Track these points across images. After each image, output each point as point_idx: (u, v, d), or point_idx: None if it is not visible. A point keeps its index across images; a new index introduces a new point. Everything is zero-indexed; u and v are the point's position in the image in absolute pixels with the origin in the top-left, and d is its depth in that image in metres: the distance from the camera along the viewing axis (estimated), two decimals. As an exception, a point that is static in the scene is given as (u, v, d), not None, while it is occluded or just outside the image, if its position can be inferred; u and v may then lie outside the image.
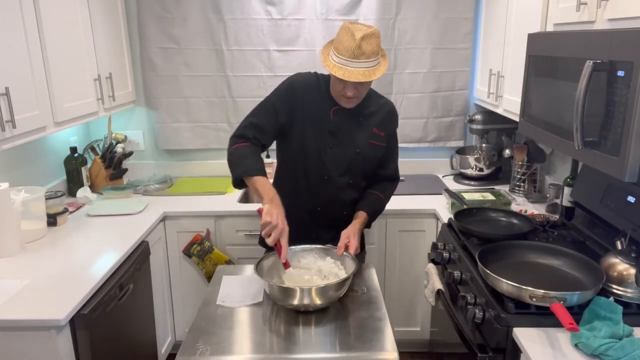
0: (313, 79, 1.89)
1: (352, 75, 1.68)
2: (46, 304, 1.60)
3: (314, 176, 1.90)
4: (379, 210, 2.01)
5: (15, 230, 1.97)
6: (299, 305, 1.51)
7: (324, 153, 1.87)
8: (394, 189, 2.06)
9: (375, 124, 1.91)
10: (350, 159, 1.89)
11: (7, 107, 1.77)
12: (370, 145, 1.91)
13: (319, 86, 1.88)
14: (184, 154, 3.16)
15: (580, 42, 1.51)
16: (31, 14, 1.94)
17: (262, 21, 2.89)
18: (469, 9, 2.91)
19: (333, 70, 1.70)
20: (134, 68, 2.96)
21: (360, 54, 1.66)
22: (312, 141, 1.86)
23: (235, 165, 1.79)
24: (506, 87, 2.41)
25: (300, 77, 1.89)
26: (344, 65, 1.69)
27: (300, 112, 1.85)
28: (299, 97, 1.85)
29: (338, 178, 1.90)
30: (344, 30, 1.70)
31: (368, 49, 1.67)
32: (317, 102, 1.86)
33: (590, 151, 1.46)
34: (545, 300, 1.41)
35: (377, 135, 1.92)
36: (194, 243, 2.56)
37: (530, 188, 2.69)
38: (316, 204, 1.93)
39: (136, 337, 2.15)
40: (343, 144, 1.88)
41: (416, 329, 2.76)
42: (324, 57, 1.77)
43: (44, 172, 2.63)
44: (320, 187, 1.91)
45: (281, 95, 1.86)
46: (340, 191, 1.93)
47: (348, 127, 1.88)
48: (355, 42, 1.65)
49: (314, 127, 1.86)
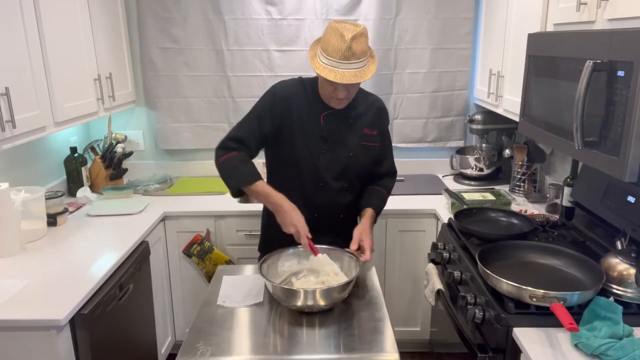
0: (298, 86, 1.85)
1: (343, 77, 1.64)
2: (46, 304, 1.60)
3: (309, 184, 1.87)
4: (382, 205, 2.00)
5: (15, 230, 1.96)
6: (303, 306, 1.51)
7: (317, 159, 1.84)
8: (394, 182, 2.07)
9: (366, 124, 1.88)
10: (344, 163, 1.86)
11: (7, 107, 1.77)
12: (362, 147, 1.88)
13: (305, 92, 1.84)
14: (184, 154, 3.16)
15: (580, 42, 1.51)
16: (31, 14, 1.94)
17: (262, 21, 2.89)
18: (469, 9, 2.91)
19: (323, 73, 1.65)
20: (134, 68, 2.96)
21: (350, 55, 1.62)
22: (303, 149, 1.82)
23: (228, 177, 1.78)
24: (506, 87, 2.41)
25: (283, 86, 1.85)
26: (335, 67, 1.64)
27: (288, 121, 1.81)
28: (286, 106, 1.80)
29: (333, 183, 1.87)
30: (332, 31, 1.65)
31: (358, 50, 1.63)
32: (305, 109, 1.82)
33: (590, 151, 1.45)
34: (545, 300, 1.41)
35: (369, 135, 1.89)
36: (194, 243, 2.56)
37: (530, 188, 2.69)
38: (312, 211, 1.89)
39: (136, 337, 2.15)
40: (335, 149, 1.85)
41: (416, 329, 2.76)
42: (311, 58, 1.72)
43: (44, 172, 2.63)
44: (316, 195, 1.88)
45: (265, 106, 1.81)
46: (336, 196, 1.90)
47: (339, 131, 1.85)
48: (346, 43, 1.61)
49: (305, 134, 1.82)
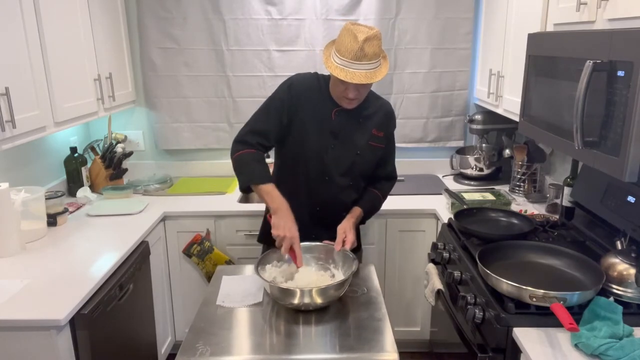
0: (313, 80, 1.89)
1: (354, 77, 1.67)
2: (46, 304, 1.60)
3: (315, 177, 1.90)
4: (376, 208, 2.03)
5: (15, 230, 1.96)
6: (300, 304, 1.52)
7: (325, 153, 1.87)
8: (391, 187, 2.09)
9: (375, 125, 1.92)
10: (351, 160, 1.90)
11: (7, 107, 1.77)
12: (370, 146, 1.92)
13: (319, 87, 1.88)
14: (184, 154, 3.16)
15: (580, 42, 1.51)
16: (31, 14, 1.94)
17: (262, 21, 2.89)
18: (469, 9, 2.91)
19: (335, 72, 1.70)
20: (134, 68, 2.96)
21: (362, 56, 1.66)
22: (313, 142, 1.86)
23: (240, 173, 1.81)
24: (506, 87, 2.41)
25: (300, 78, 1.89)
26: (346, 67, 1.68)
27: (301, 112, 1.85)
28: (300, 98, 1.84)
29: (339, 179, 1.91)
30: (346, 32, 1.69)
31: (370, 51, 1.67)
32: (318, 103, 1.86)
33: (590, 151, 1.45)
34: (545, 300, 1.41)
35: (376, 136, 1.92)
36: (194, 243, 2.56)
37: (530, 188, 2.69)
38: (316, 205, 1.94)
39: (136, 337, 2.15)
40: (344, 145, 1.88)
41: (416, 329, 2.76)
42: (325, 58, 1.77)
43: (44, 172, 2.63)
44: (320, 188, 1.91)
45: (283, 97, 1.85)
46: (341, 192, 1.93)
47: (349, 128, 1.88)
48: (358, 44, 1.65)
49: (316, 128, 1.86)
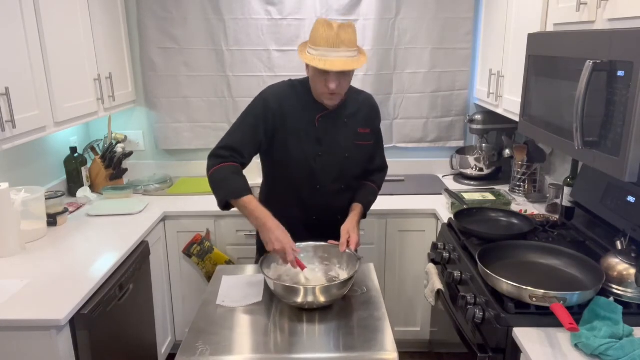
0: (288, 89, 1.83)
1: (334, 65, 1.62)
2: (46, 304, 1.60)
3: (306, 187, 1.86)
4: (372, 200, 2.01)
5: (15, 230, 1.96)
6: (304, 303, 1.52)
7: (313, 162, 1.83)
8: (384, 177, 2.08)
9: (360, 123, 1.88)
10: (340, 164, 1.86)
11: (7, 107, 1.77)
12: (357, 146, 1.88)
13: (296, 94, 1.82)
14: (184, 154, 3.16)
15: (580, 42, 1.51)
16: (31, 14, 1.94)
17: (262, 21, 2.89)
18: (469, 9, 2.91)
19: (313, 62, 1.64)
20: (134, 68, 2.96)
21: (339, 43, 1.63)
22: (299, 151, 1.81)
23: (217, 188, 1.73)
24: (506, 87, 2.41)
25: (274, 91, 1.82)
26: (324, 56, 1.63)
27: (282, 127, 1.79)
28: (277, 112, 1.78)
29: (330, 185, 1.87)
30: (319, 24, 1.66)
31: (346, 38, 1.64)
32: (299, 111, 1.80)
33: (590, 151, 1.45)
34: (545, 300, 1.41)
35: (362, 134, 1.89)
36: (194, 243, 2.56)
37: (530, 188, 2.69)
38: (310, 215, 1.89)
39: (136, 337, 2.15)
40: (331, 150, 1.84)
41: (416, 329, 2.76)
42: (300, 54, 1.71)
43: (44, 172, 2.63)
44: (313, 198, 1.87)
45: (257, 112, 1.78)
46: (334, 198, 1.90)
47: (334, 132, 1.84)
48: (334, 30, 1.62)
49: (300, 137, 1.80)
